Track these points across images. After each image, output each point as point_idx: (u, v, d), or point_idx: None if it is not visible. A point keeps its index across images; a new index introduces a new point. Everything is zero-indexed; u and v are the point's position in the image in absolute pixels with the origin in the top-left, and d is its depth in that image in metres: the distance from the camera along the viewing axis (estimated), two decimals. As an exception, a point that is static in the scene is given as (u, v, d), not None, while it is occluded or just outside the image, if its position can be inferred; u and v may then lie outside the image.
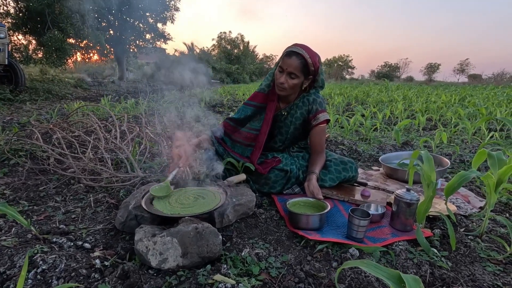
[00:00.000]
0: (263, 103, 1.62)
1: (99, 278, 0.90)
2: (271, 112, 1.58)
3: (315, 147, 1.60)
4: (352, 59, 39.67)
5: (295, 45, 1.46)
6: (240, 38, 27.04)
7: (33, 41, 8.70)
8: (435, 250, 1.08)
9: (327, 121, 1.58)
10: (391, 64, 38.26)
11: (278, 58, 1.58)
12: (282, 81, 1.45)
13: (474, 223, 1.32)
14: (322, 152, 1.60)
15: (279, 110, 1.63)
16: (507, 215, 1.41)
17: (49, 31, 7.79)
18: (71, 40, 9.15)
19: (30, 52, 8.48)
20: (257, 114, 1.65)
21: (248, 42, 27.29)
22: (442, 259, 1.04)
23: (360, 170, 2.07)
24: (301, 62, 1.42)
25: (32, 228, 1.12)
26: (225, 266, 0.94)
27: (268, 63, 32.62)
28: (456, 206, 1.46)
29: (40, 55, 8.62)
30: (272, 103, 1.59)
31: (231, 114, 3.99)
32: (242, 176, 1.55)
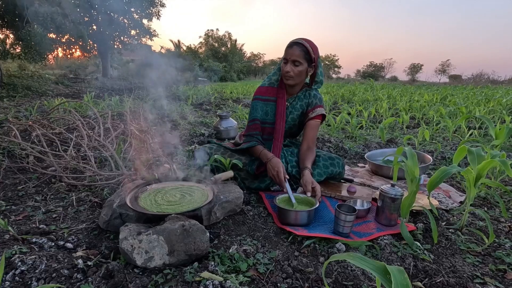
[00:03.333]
0: (275, 96, 1.66)
1: (81, 278, 0.88)
2: (282, 105, 1.63)
3: (307, 141, 1.62)
4: (338, 59, 40.14)
5: (296, 38, 1.55)
6: (227, 36, 26.88)
7: (11, 35, 8.33)
8: (418, 244, 1.11)
9: (323, 117, 1.66)
10: (376, 64, 39.01)
11: (265, 56, 1.62)
12: (288, 70, 1.53)
13: (455, 217, 1.36)
14: (313, 148, 1.63)
15: (286, 100, 1.69)
16: (485, 208, 1.47)
17: (27, 25, 7.48)
18: (52, 35, 8.81)
19: (8, 46, 8.11)
20: (268, 108, 1.67)
21: (235, 40, 27.16)
22: (425, 252, 1.07)
23: (346, 167, 2.10)
24: (302, 50, 1.50)
25: (10, 228, 1.07)
26: (213, 263, 0.93)
27: (256, 61, 32.57)
28: (438, 201, 1.51)
29: (18, 50, 8.26)
30: (283, 96, 1.64)
31: (219, 112, 3.95)
32: (230, 173, 1.55)
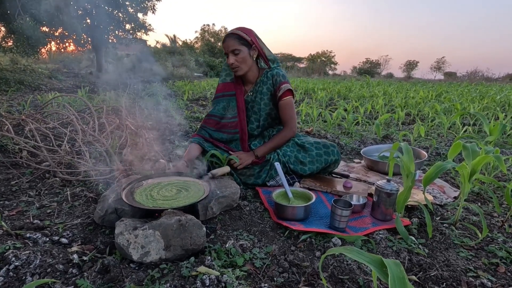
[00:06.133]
0: (233, 91, 1.69)
1: (77, 273, 0.87)
2: (241, 98, 1.68)
3: (283, 122, 1.65)
4: (335, 55, 40.05)
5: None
6: (223, 31, 26.65)
7: (2, 28, 8.16)
8: (413, 238, 1.12)
9: (291, 92, 1.63)
10: (372, 60, 39.04)
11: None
12: (232, 61, 1.55)
13: (449, 212, 1.38)
14: (288, 128, 1.64)
15: (246, 93, 1.70)
16: (479, 204, 1.49)
17: (19, 18, 7.32)
18: (45, 28, 8.65)
19: (-1, 39, 7.95)
20: (230, 103, 1.70)
21: (232, 35, 26.92)
22: (420, 246, 1.09)
23: (342, 163, 2.11)
24: (235, 37, 1.54)
25: (3, 223, 1.06)
26: (209, 258, 0.93)
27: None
28: (433, 196, 1.52)
29: (10, 44, 8.10)
30: (240, 89, 1.68)
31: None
32: (226, 169, 1.54)
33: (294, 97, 1.67)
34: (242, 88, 1.69)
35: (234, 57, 1.54)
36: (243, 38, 1.54)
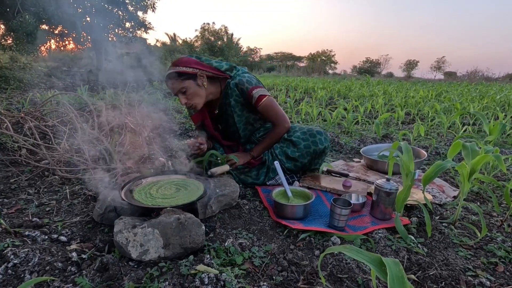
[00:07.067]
0: (202, 119, 1.66)
1: (76, 271, 0.87)
2: (208, 122, 1.64)
3: (271, 122, 1.60)
4: (335, 54, 39.93)
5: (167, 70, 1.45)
6: (223, 29, 26.61)
7: (2, 26, 8.13)
8: (412, 237, 1.12)
9: (265, 96, 1.50)
10: (372, 60, 38.93)
11: (262, 51, 1.59)
12: (184, 102, 1.44)
13: (448, 211, 1.38)
14: (278, 126, 1.57)
15: (213, 113, 1.66)
16: (478, 203, 1.49)
17: (19, 15, 7.30)
18: (44, 26, 8.62)
19: (-2, 37, 7.93)
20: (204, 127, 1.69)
21: (232, 34, 26.92)
22: (419, 245, 1.09)
23: (341, 162, 2.11)
24: (175, 76, 1.40)
25: (2, 221, 1.06)
26: (208, 256, 0.93)
27: (252, 56, 32.36)
28: (432, 195, 1.52)
29: (9, 41, 8.08)
30: (204, 115, 1.63)
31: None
32: (226, 167, 1.54)
33: (268, 96, 1.52)
34: (206, 113, 1.62)
35: (184, 96, 1.43)
36: (184, 73, 1.39)
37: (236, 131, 1.63)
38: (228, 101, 1.53)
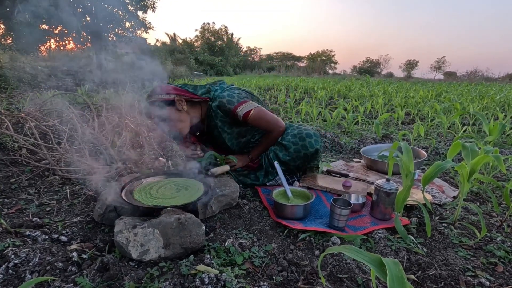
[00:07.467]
0: (195, 141, 1.72)
1: (76, 271, 0.87)
2: (199, 143, 1.73)
3: (265, 130, 1.59)
4: (335, 54, 39.90)
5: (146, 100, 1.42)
6: (223, 29, 26.61)
7: (1, 26, 8.12)
8: (412, 237, 1.12)
9: (250, 110, 1.45)
10: (372, 60, 38.90)
11: (262, 51, 1.58)
12: (168, 130, 1.42)
13: (448, 212, 1.38)
14: (272, 132, 1.56)
15: (203, 133, 1.67)
16: (478, 203, 1.50)
17: (19, 15, 7.29)
18: (44, 26, 8.61)
19: (-2, 37, 7.91)
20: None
21: (232, 34, 26.92)
22: (418, 245, 1.09)
23: (341, 162, 2.12)
24: (154, 106, 1.38)
25: (3, 221, 1.06)
26: (209, 256, 0.94)
27: (252, 55, 32.35)
28: (432, 195, 1.53)
29: (9, 41, 8.07)
30: (195, 140, 1.72)
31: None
32: (226, 167, 1.54)
33: (254, 108, 1.45)
34: (194, 139, 1.71)
35: (168, 125, 1.41)
36: (162, 101, 1.38)
37: (229, 148, 1.62)
38: (214, 123, 1.51)
